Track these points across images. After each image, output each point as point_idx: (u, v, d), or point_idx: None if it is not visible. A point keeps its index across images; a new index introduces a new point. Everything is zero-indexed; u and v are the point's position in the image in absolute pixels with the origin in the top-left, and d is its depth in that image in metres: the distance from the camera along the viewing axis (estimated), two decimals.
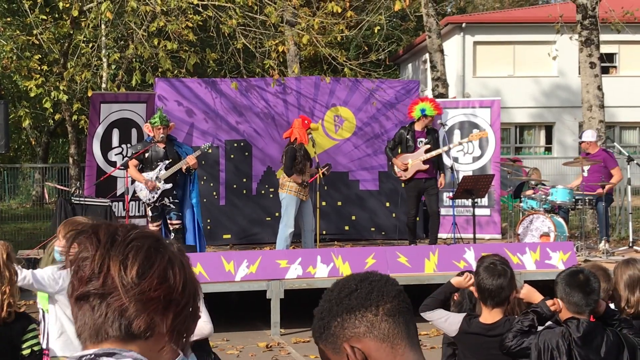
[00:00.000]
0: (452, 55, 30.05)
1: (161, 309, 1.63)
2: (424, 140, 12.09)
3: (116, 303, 1.60)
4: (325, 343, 1.81)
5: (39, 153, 29.96)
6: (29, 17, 14.21)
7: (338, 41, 16.08)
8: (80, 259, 1.63)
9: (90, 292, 1.61)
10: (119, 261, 1.61)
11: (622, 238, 14.49)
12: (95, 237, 1.64)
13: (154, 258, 1.65)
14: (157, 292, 1.62)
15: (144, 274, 1.62)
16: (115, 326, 1.60)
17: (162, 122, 10.86)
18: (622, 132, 33.09)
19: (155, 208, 11.02)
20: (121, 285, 1.60)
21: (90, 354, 1.59)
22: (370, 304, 1.80)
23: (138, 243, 1.65)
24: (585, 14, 15.48)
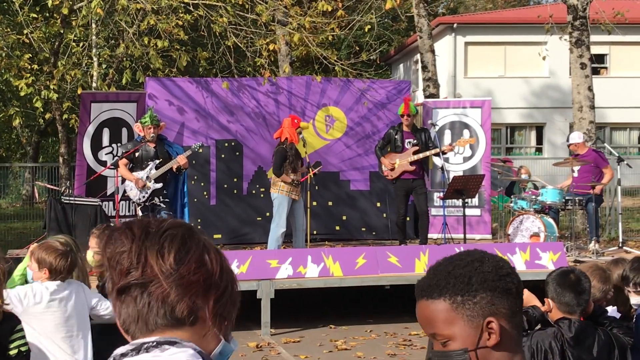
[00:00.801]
0: (444, 56, 30.09)
1: (202, 292, 1.65)
2: (412, 141, 12.12)
3: (157, 290, 1.62)
4: (458, 306, 1.83)
5: (29, 152, 29.86)
6: (20, 16, 14.15)
7: (329, 41, 16.08)
8: (118, 254, 1.65)
9: (131, 283, 1.63)
10: (155, 250, 1.64)
11: (612, 238, 14.53)
12: (130, 231, 1.67)
13: (190, 244, 1.67)
14: (197, 275, 1.65)
15: (182, 259, 1.64)
16: (161, 313, 1.62)
17: (152, 122, 10.82)
18: (612, 133, 33.20)
19: (146, 207, 10.98)
20: (160, 272, 1.62)
21: (152, 341, 1.61)
22: (519, 292, 1.87)
23: (172, 232, 1.67)
24: (576, 15, 15.52)
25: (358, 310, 11.06)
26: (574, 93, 15.65)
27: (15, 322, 4.31)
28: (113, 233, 1.68)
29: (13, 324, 4.29)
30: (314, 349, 9.03)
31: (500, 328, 1.82)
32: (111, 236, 1.68)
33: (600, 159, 12.72)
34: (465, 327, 1.82)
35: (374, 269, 10.15)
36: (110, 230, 1.69)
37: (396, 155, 12.10)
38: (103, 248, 1.68)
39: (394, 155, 12.11)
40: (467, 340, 1.82)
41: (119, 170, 10.88)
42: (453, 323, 1.83)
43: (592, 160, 12.53)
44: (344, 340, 9.40)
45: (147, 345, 1.61)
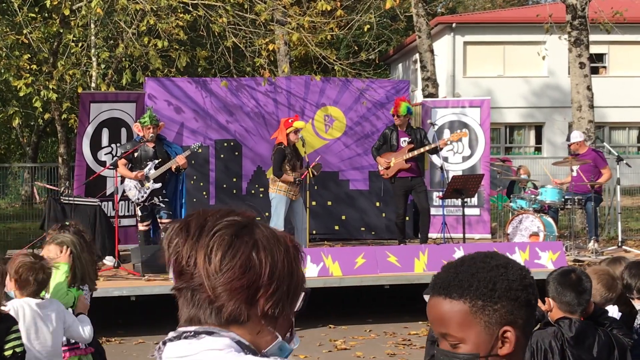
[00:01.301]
0: (442, 55, 30.09)
1: (247, 296, 1.67)
2: (407, 140, 12.16)
3: (204, 295, 1.67)
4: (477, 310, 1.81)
5: (29, 152, 29.85)
6: (18, 16, 14.14)
7: (328, 40, 16.07)
8: (174, 254, 1.70)
9: (183, 286, 1.70)
10: (203, 254, 1.67)
11: (611, 238, 14.54)
12: (186, 229, 1.70)
13: (238, 245, 1.69)
14: (241, 281, 1.66)
15: (227, 264, 1.66)
16: (207, 313, 1.68)
17: (151, 122, 10.84)
18: (611, 132, 33.21)
19: (145, 207, 11.01)
20: (206, 278, 1.66)
21: (191, 330, 1.67)
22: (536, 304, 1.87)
23: (222, 232, 1.69)
24: (575, 15, 15.52)
25: (357, 310, 11.06)
26: (573, 92, 15.66)
27: (11, 323, 4.29)
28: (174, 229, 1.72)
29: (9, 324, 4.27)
30: (314, 348, 9.03)
31: (515, 338, 1.81)
32: (171, 231, 1.72)
33: (599, 159, 12.74)
34: (481, 332, 1.80)
35: (373, 268, 10.15)
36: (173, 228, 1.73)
37: (392, 154, 12.13)
38: (166, 244, 1.72)
39: (390, 155, 12.14)
40: (481, 346, 1.81)
41: (118, 169, 10.86)
42: (469, 326, 1.80)
43: (592, 160, 12.54)
44: (343, 340, 9.40)
45: (186, 333, 1.67)
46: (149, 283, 9.85)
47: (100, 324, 9.92)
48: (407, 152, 12.03)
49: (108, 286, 9.73)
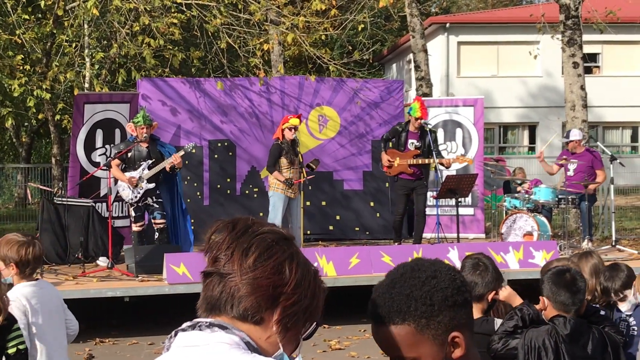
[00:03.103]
0: (436, 55, 30.12)
1: (269, 297, 1.76)
2: (415, 143, 12.02)
3: (231, 283, 1.77)
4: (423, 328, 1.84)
5: (22, 153, 29.78)
6: (11, 16, 14.11)
7: (322, 40, 16.07)
8: (215, 243, 1.82)
9: (214, 270, 1.80)
10: (242, 248, 1.79)
11: (605, 237, 14.56)
12: (232, 226, 1.83)
13: (274, 251, 1.80)
14: (268, 280, 1.76)
15: (260, 262, 1.77)
16: (229, 305, 1.76)
17: (145, 122, 10.80)
18: (605, 132, 33.28)
19: (138, 208, 11.00)
20: (239, 268, 1.77)
21: (206, 321, 1.75)
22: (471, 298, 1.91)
23: (265, 236, 1.81)
24: (568, 14, 15.54)
25: (352, 310, 11.05)
26: (566, 92, 15.68)
27: (13, 321, 4.29)
28: (221, 223, 1.86)
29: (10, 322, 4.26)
30: (308, 348, 9.02)
31: (464, 339, 1.86)
32: (218, 225, 1.85)
33: (596, 160, 12.77)
34: (432, 345, 1.85)
35: (367, 268, 10.15)
36: (220, 221, 1.87)
37: (397, 153, 12.01)
38: (209, 235, 1.84)
39: (396, 153, 12.01)
40: (436, 357, 1.85)
41: (111, 170, 10.83)
42: (419, 344, 1.85)
43: (587, 160, 12.58)
44: (337, 340, 9.40)
45: (200, 324, 1.75)
46: (142, 284, 9.83)
47: (93, 324, 9.92)
48: (413, 157, 11.89)
49: (102, 287, 9.71)
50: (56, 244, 11.43)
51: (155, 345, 9.28)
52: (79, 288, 9.61)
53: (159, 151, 11.06)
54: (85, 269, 10.61)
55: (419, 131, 12.01)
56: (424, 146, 11.97)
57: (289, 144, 11.55)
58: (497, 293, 4.29)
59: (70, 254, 11.39)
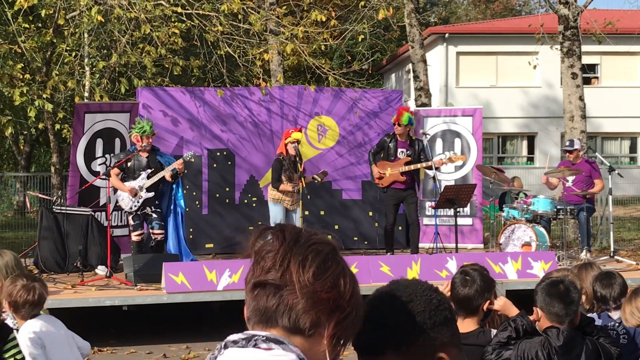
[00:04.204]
0: (435, 66, 30.18)
1: (328, 310, 1.73)
2: (405, 152, 12.16)
3: (289, 297, 1.72)
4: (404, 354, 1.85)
5: (21, 162, 29.78)
6: (12, 25, 14.14)
7: (322, 51, 16.12)
8: (265, 251, 1.76)
9: (269, 281, 1.73)
10: (299, 260, 1.74)
11: (604, 248, 14.57)
12: (282, 234, 1.78)
13: (330, 264, 1.77)
14: (328, 294, 1.73)
15: (319, 276, 1.73)
16: (285, 318, 1.72)
17: (150, 131, 10.94)
18: (603, 143, 33.32)
19: (137, 216, 11.03)
20: (297, 281, 1.72)
21: (262, 335, 1.71)
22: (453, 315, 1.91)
23: (318, 247, 1.78)
24: (567, 25, 15.59)
25: None
26: (565, 103, 15.71)
27: (8, 331, 4.29)
28: (266, 231, 1.80)
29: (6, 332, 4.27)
30: None
31: (451, 357, 1.86)
32: (263, 233, 1.80)
33: (593, 170, 12.81)
34: None
35: (366, 278, 10.15)
36: (264, 228, 1.81)
37: (388, 164, 12.13)
38: (253, 241, 1.79)
39: (386, 164, 12.14)
40: None
41: (111, 180, 10.86)
42: None
43: (585, 170, 12.61)
44: None
45: (257, 337, 1.71)
46: (141, 293, 9.83)
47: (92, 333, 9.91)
48: (404, 165, 12.01)
49: (100, 296, 9.71)
50: (55, 253, 11.43)
51: (154, 354, 9.28)
52: (78, 297, 9.62)
53: (159, 161, 11.13)
54: (84, 278, 10.62)
55: (408, 140, 12.19)
56: (415, 154, 12.12)
57: (290, 159, 11.65)
58: (491, 303, 4.28)
59: (69, 263, 11.39)
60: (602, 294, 5.18)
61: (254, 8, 14.45)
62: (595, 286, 5.21)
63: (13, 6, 13.63)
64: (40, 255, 11.31)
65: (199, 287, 9.62)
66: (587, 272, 5.35)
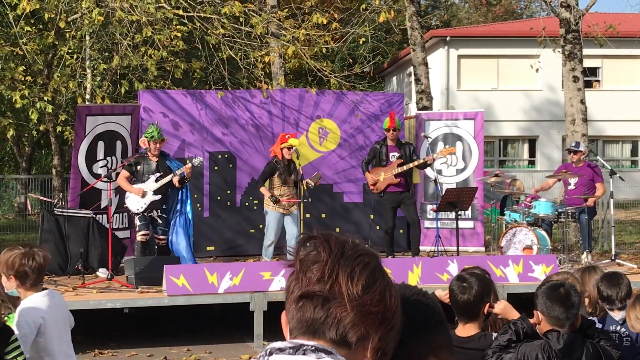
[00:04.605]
0: (437, 69, 30.19)
1: (375, 324, 1.70)
2: (396, 155, 12.25)
3: (338, 310, 1.68)
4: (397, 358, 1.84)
5: (22, 164, 29.79)
6: (14, 28, 14.15)
7: (323, 53, 16.12)
8: (311, 261, 1.72)
9: (316, 293, 1.70)
10: (347, 272, 1.70)
11: (605, 251, 14.56)
12: (328, 245, 1.73)
13: (377, 276, 1.73)
14: (377, 307, 1.70)
15: (368, 289, 1.70)
16: (333, 330, 1.68)
17: (159, 137, 11.10)
18: (605, 146, 33.31)
19: (144, 217, 11.14)
20: (346, 294, 1.68)
21: (311, 345, 1.67)
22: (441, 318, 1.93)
23: (365, 259, 1.74)
24: (569, 28, 15.59)
25: None
26: (566, 106, 15.71)
27: (10, 333, 4.28)
28: (310, 240, 1.76)
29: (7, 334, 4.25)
30: None
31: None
32: (308, 241, 1.76)
33: (595, 174, 12.81)
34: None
35: None
36: (308, 237, 1.77)
37: (381, 169, 12.23)
38: (297, 250, 1.76)
39: (379, 169, 12.24)
40: None
41: (119, 181, 11.03)
42: None
43: (587, 174, 12.61)
44: None
45: (305, 347, 1.67)
46: (142, 295, 9.84)
47: (93, 335, 9.91)
48: (397, 167, 12.11)
49: (101, 298, 9.71)
50: (56, 255, 11.42)
51: (155, 357, 9.28)
52: (79, 299, 9.62)
53: (168, 166, 11.30)
54: (85, 280, 10.62)
55: (397, 143, 12.35)
56: (406, 156, 12.25)
57: (285, 163, 11.76)
58: (491, 306, 4.27)
59: (70, 265, 11.39)
60: (608, 294, 5.16)
61: (255, 11, 14.46)
62: (601, 286, 5.20)
63: (15, 9, 13.65)
64: None
65: (200, 289, 9.62)
66: (590, 275, 5.34)
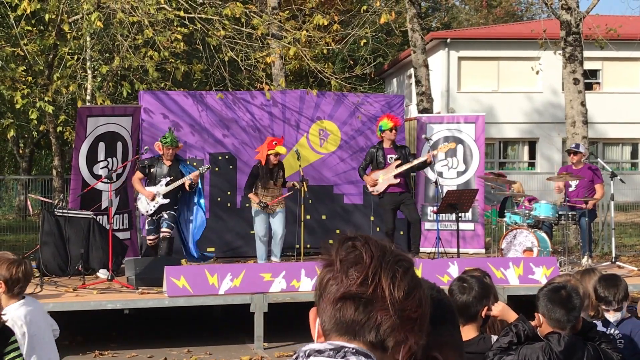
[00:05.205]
0: (437, 70, 30.21)
1: (415, 330, 1.71)
2: (393, 157, 12.28)
3: (379, 313, 1.68)
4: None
5: (22, 165, 29.80)
6: (15, 29, 14.15)
7: (324, 55, 16.13)
8: (352, 262, 1.72)
9: (359, 294, 1.69)
10: (389, 276, 1.70)
11: (605, 253, 14.57)
12: (369, 247, 1.73)
13: (416, 281, 1.74)
14: (416, 313, 1.71)
15: (409, 294, 1.71)
16: (373, 333, 1.68)
17: (172, 143, 11.41)
18: (605, 148, 33.32)
19: (152, 221, 11.46)
20: (390, 298, 1.69)
21: (352, 347, 1.67)
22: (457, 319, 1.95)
23: (405, 264, 1.74)
24: (569, 31, 15.60)
25: None
26: (567, 108, 15.72)
27: (9, 334, 4.28)
28: (350, 240, 1.76)
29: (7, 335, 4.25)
30: None
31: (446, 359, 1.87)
32: (348, 241, 1.76)
33: (596, 177, 12.82)
34: None
35: None
36: (347, 237, 1.77)
37: (379, 171, 12.24)
38: (337, 249, 1.76)
39: (377, 172, 12.25)
40: None
41: (133, 181, 11.59)
42: None
43: (587, 176, 12.62)
44: None
45: (346, 349, 1.67)
46: (142, 296, 9.84)
47: (93, 336, 9.92)
48: (395, 167, 12.11)
49: (101, 299, 9.71)
50: (57, 256, 11.43)
51: (155, 358, 9.28)
52: (79, 300, 9.61)
53: (180, 170, 11.57)
54: (85, 281, 10.61)
55: (393, 146, 12.40)
56: (403, 157, 12.28)
57: (268, 168, 11.95)
58: (489, 309, 4.26)
59: (71, 266, 11.39)
60: (605, 295, 5.16)
61: (256, 12, 14.47)
62: (599, 287, 5.19)
63: (16, 10, 13.65)
64: (41, 258, 11.31)
65: (201, 291, 9.62)
66: (589, 277, 5.35)
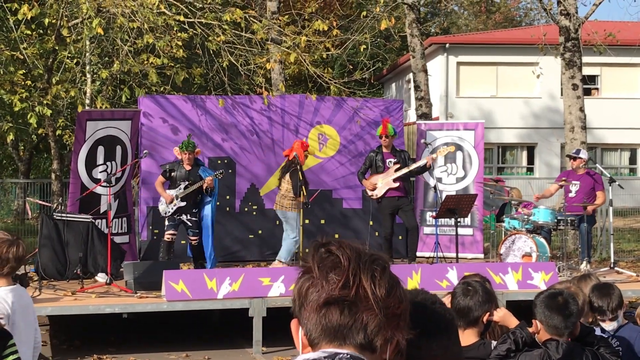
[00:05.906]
0: (436, 75, 30.22)
1: (400, 326, 1.72)
2: (392, 161, 12.30)
3: (365, 313, 1.69)
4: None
5: (21, 168, 29.78)
6: (14, 32, 14.16)
7: (323, 59, 16.15)
8: (330, 267, 1.72)
9: (342, 297, 1.69)
10: (369, 276, 1.70)
11: (604, 259, 14.57)
12: (344, 250, 1.73)
13: (394, 279, 1.75)
14: (399, 309, 1.72)
15: (390, 292, 1.71)
16: (360, 335, 1.68)
17: (187, 148, 11.75)
18: (603, 154, 33.33)
19: (172, 219, 11.81)
20: (373, 298, 1.68)
21: (346, 353, 1.67)
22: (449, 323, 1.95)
23: (381, 263, 1.74)
24: (568, 36, 15.63)
25: None
26: (565, 113, 15.73)
27: (7, 336, 4.27)
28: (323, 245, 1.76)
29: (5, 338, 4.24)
30: None
31: None
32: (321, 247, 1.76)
33: (596, 183, 12.82)
34: None
35: None
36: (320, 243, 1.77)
37: (378, 176, 12.26)
38: (312, 255, 1.76)
39: (376, 177, 12.27)
40: None
41: (155, 185, 12.01)
42: None
43: (587, 182, 12.63)
44: None
45: (341, 356, 1.67)
46: (141, 300, 9.83)
47: (91, 340, 9.91)
48: (395, 171, 12.13)
49: (100, 303, 9.70)
50: (55, 260, 11.43)
51: None
52: (78, 304, 9.61)
53: (199, 175, 11.87)
54: (83, 285, 10.61)
55: (392, 150, 12.48)
56: (402, 161, 12.33)
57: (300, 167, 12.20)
58: (491, 314, 4.25)
59: (69, 270, 11.39)
60: (599, 305, 5.16)
61: (256, 17, 14.49)
62: (592, 297, 5.19)
63: (16, 14, 13.67)
64: (40, 262, 11.31)
65: (199, 295, 9.62)
66: (585, 283, 5.35)
